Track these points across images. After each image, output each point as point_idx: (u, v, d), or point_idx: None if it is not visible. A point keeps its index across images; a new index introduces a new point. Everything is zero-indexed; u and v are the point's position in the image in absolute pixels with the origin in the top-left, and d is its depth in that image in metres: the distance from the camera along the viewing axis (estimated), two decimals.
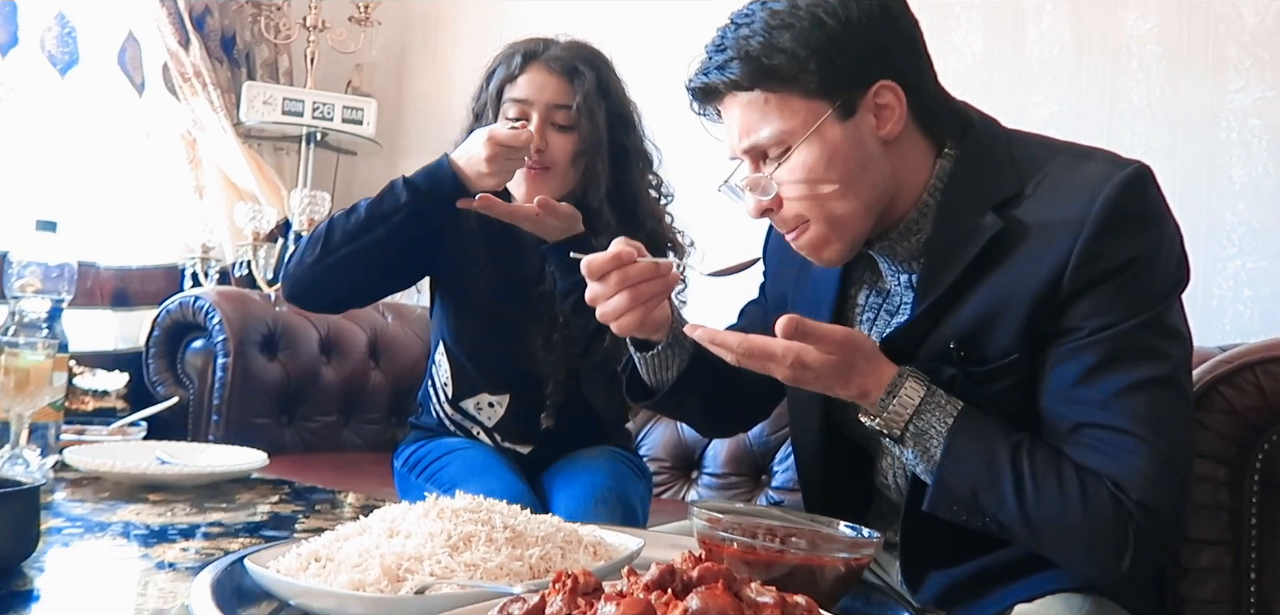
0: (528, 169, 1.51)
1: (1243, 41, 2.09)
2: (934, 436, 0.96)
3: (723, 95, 1.04)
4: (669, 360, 1.18)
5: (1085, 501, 0.91)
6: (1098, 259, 0.93)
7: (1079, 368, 0.94)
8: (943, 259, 1.01)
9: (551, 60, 1.54)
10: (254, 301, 2.44)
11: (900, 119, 1.01)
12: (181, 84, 2.90)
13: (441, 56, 3.36)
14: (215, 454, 1.57)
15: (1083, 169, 0.98)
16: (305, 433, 2.43)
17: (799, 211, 1.03)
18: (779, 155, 1.02)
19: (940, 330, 1.00)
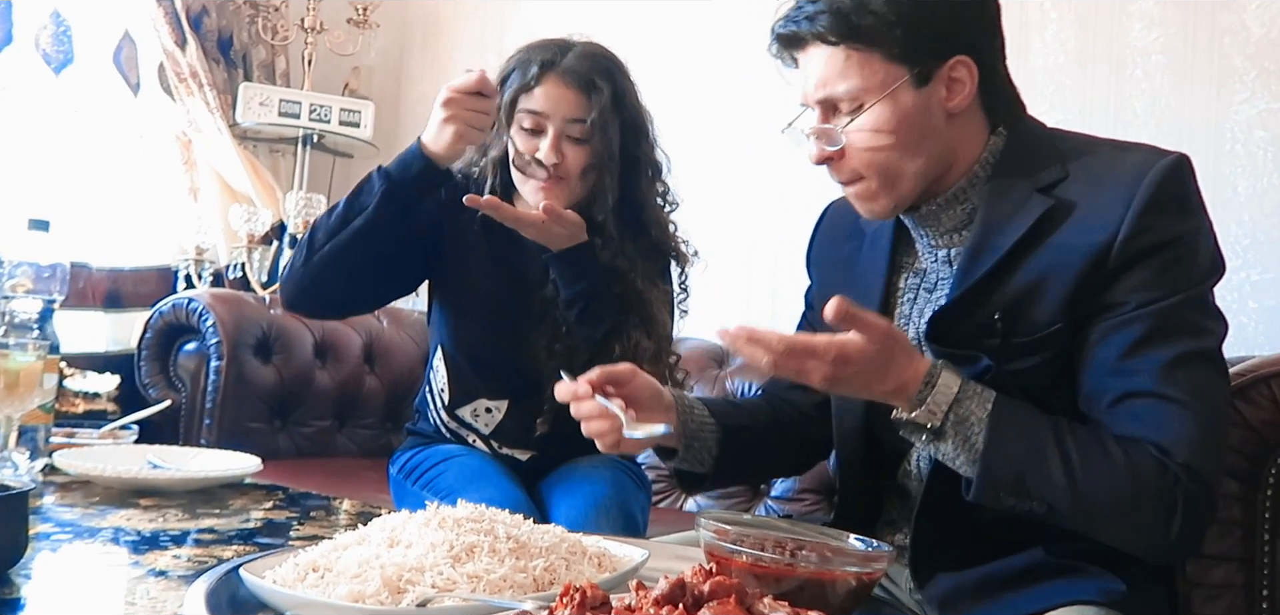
0: (545, 180, 1.50)
1: (1248, 52, 2.08)
2: (975, 423, 0.96)
3: (806, 44, 1.07)
4: (700, 453, 1.19)
5: (1132, 470, 0.93)
6: (1144, 233, 0.96)
7: (1125, 341, 0.96)
8: (990, 233, 1.04)
9: (568, 73, 1.51)
10: (248, 304, 2.42)
11: (969, 95, 1.05)
12: (177, 84, 2.88)
13: (440, 60, 3.34)
14: (208, 458, 1.54)
15: (1126, 156, 1.02)
16: (299, 438, 2.40)
17: (858, 166, 1.06)
18: (851, 110, 1.05)
19: (985, 302, 1.02)
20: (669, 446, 1.17)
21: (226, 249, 2.95)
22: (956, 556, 1.04)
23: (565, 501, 1.48)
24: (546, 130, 1.50)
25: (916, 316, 1.13)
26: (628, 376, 1.11)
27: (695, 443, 1.18)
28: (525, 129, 1.51)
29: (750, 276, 2.63)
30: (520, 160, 1.52)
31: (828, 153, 1.07)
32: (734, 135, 2.69)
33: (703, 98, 2.74)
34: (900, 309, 1.15)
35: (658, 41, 2.79)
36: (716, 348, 2.33)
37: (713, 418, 1.20)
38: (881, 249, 1.18)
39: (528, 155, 1.51)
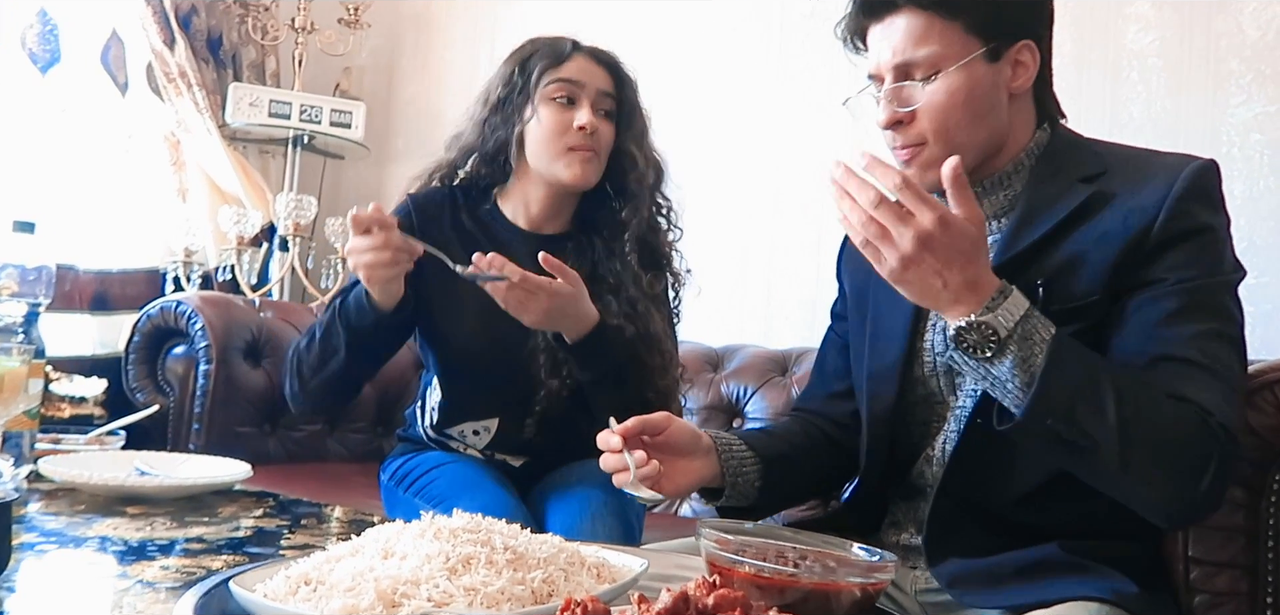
0: (582, 148, 1.51)
1: (1244, 56, 2.08)
2: (1038, 343, 0.97)
3: (892, 10, 1.11)
4: (744, 489, 1.21)
5: (1179, 418, 0.95)
6: (1184, 217, 1.02)
7: (1162, 310, 1.01)
8: (1034, 212, 1.09)
9: (598, 54, 1.56)
10: (237, 307, 2.39)
11: (1030, 79, 1.12)
12: (166, 84, 2.85)
13: (432, 61, 3.32)
14: (196, 465, 1.51)
15: (1163, 157, 1.09)
16: (289, 442, 2.38)
17: (926, 129, 1.10)
18: (925, 77, 1.09)
19: (1026, 270, 1.06)
20: (713, 487, 1.20)
21: (216, 251, 2.93)
22: (970, 544, 1.08)
23: (560, 508, 1.46)
24: (580, 100, 1.52)
25: None
26: (662, 425, 1.13)
27: (739, 479, 1.20)
28: (557, 100, 1.52)
29: (744, 279, 2.62)
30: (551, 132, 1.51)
31: (900, 114, 1.11)
32: (727, 137, 2.67)
33: (696, 100, 2.72)
34: None
35: (652, 43, 2.77)
36: (712, 351, 2.31)
37: (752, 451, 1.22)
38: None
39: (562, 127, 1.51)
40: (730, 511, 1.24)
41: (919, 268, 0.97)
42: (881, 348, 1.21)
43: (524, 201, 1.59)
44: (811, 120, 2.52)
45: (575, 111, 1.50)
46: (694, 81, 2.73)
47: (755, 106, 2.64)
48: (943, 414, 1.16)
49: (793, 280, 2.53)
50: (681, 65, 2.75)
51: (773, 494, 1.24)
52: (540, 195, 1.57)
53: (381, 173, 3.35)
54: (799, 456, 1.27)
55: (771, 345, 2.36)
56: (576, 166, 1.51)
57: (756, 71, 2.65)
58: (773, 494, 1.24)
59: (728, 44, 2.71)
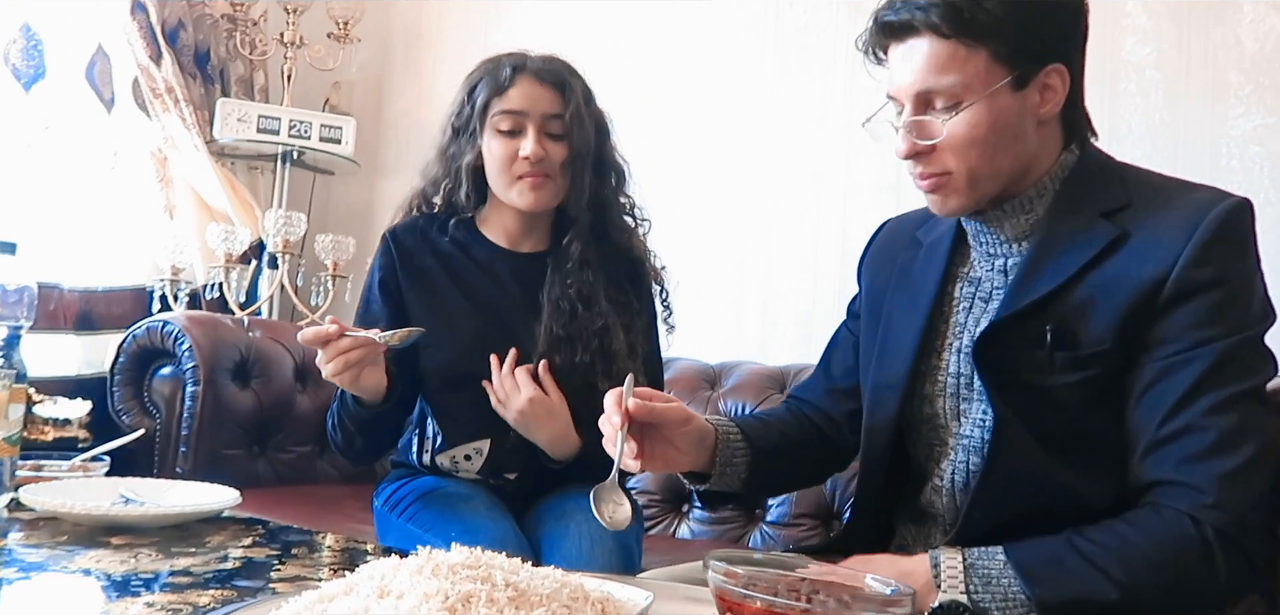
0: (530, 176, 1.51)
1: (1243, 67, 2.07)
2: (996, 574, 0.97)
3: (913, 34, 1.06)
4: (731, 477, 1.21)
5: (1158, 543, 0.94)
6: (1203, 265, 0.97)
7: (1177, 385, 0.97)
8: (1050, 250, 1.05)
9: (541, 71, 1.54)
10: (225, 326, 2.34)
11: (1058, 105, 1.07)
12: (153, 100, 2.81)
13: (422, 75, 3.29)
14: (183, 491, 1.47)
15: (1191, 194, 1.04)
16: (278, 465, 2.33)
17: (948, 162, 1.06)
18: (947, 106, 1.05)
19: (1037, 315, 1.03)
20: (701, 471, 1.19)
21: (204, 269, 2.88)
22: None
23: (559, 537, 1.42)
24: (526, 128, 1.51)
25: (971, 324, 1.13)
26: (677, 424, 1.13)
27: (727, 469, 1.20)
28: (502, 131, 1.51)
29: (741, 294, 2.59)
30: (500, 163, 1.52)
31: (920, 147, 1.07)
32: (722, 152, 2.65)
33: (690, 114, 2.70)
34: (955, 318, 1.15)
35: (643, 59, 2.75)
36: (708, 367, 2.28)
37: (746, 442, 1.22)
38: (938, 258, 1.18)
39: (509, 157, 1.51)
40: (714, 498, 1.24)
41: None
42: (889, 360, 1.19)
43: (501, 222, 1.61)
44: (807, 134, 2.50)
45: (520, 140, 1.51)
46: (687, 96, 2.71)
47: (750, 121, 2.61)
48: (945, 439, 1.14)
49: (789, 296, 2.50)
50: (675, 80, 2.72)
51: (758, 484, 1.24)
52: (514, 215, 1.59)
53: (372, 188, 3.31)
54: (789, 450, 1.27)
55: (768, 362, 2.33)
56: (528, 194, 1.52)
57: (751, 85, 2.63)
58: (758, 484, 1.24)
59: (721, 58, 2.69)
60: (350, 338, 1.35)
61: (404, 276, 1.57)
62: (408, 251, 1.58)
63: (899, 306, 1.18)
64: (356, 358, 1.34)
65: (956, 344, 1.13)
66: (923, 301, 1.16)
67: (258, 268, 2.94)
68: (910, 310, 1.17)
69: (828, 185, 2.42)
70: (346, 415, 1.48)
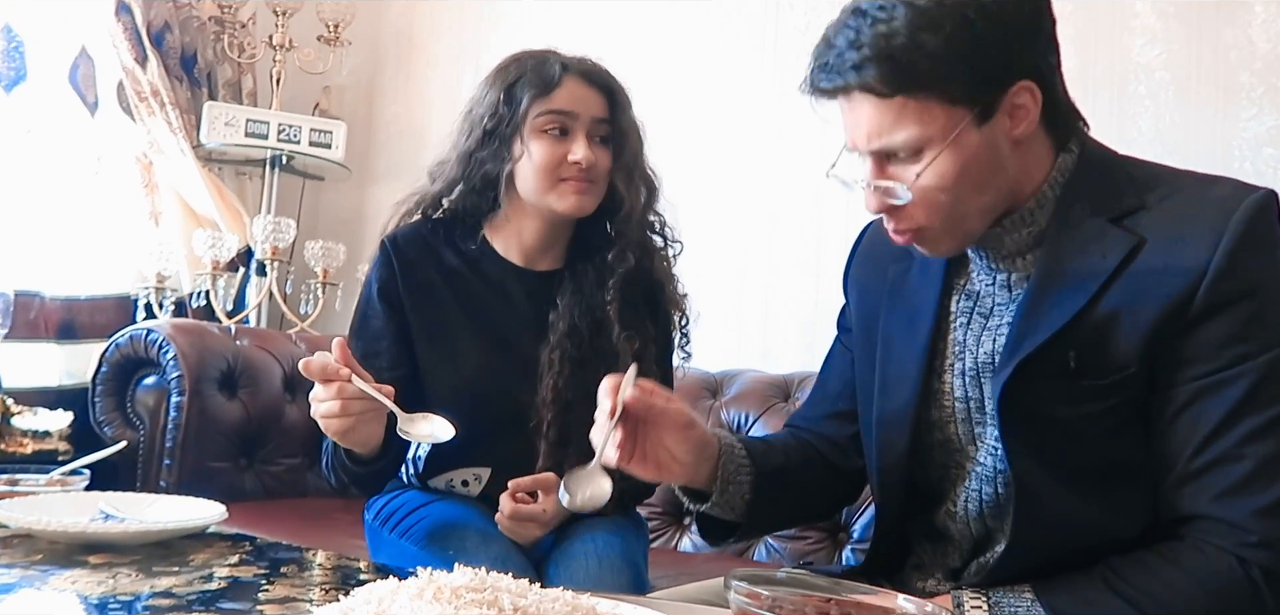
0: (580, 181, 1.42)
1: (1254, 68, 2.03)
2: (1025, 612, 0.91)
3: (852, 94, 0.96)
4: (733, 498, 1.10)
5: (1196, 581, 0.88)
6: (1233, 276, 0.88)
7: (1214, 413, 0.89)
8: (1063, 269, 0.95)
9: (590, 74, 1.45)
10: (212, 335, 2.28)
11: (1034, 120, 0.96)
12: (138, 104, 2.75)
13: (414, 79, 3.23)
14: (167, 507, 1.40)
15: (1211, 189, 0.94)
16: (267, 477, 2.26)
17: (922, 217, 0.98)
18: (909, 158, 0.95)
19: (1059, 342, 0.94)
20: (701, 489, 1.09)
21: (190, 276, 2.82)
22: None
23: (566, 555, 1.35)
24: (574, 131, 1.42)
25: (972, 342, 1.04)
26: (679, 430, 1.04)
27: (729, 488, 1.09)
28: (548, 133, 1.41)
29: (741, 303, 2.54)
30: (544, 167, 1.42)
31: (891, 205, 0.98)
32: (722, 157, 2.60)
33: (689, 119, 2.65)
34: (953, 336, 1.06)
35: (643, 61, 2.70)
36: (709, 377, 2.23)
37: (750, 459, 1.11)
38: (934, 272, 1.09)
39: (556, 161, 1.41)
40: (713, 529, 1.15)
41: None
42: (893, 389, 1.09)
43: (517, 235, 1.49)
44: (807, 138, 2.45)
45: (570, 143, 1.41)
46: (686, 99, 2.66)
47: (750, 124, 2.57)
48: (961, 462, 1.06)
49: (791, 303, 2.45)
50: (673, 83, 2.67)
51: (762, 512, 1.13)
52: (535, 228, 1.48)
53: (363, 194, 3.25)
54: (795, 474, 1.17)
55: (770, 370, 2.28)
56: (571, 197, 1.42)
57: (750, 88, 2.58)
58: (762, 512, 1.13)
59: (720, 60, 2.64)
60: (358, 386, 1.17)
61: (406, 290, 1.44)
62: (410, 263, 1.44)
63: (896, 328, 1.09)
64: (357, 409, 1.17)
65: (959, 366, 1.04)
66: (922, 324, 1.07)
67: (245, 275, 2.88)
68: (909, 334, 1.08)
69: (830, 188, 2.37)
70: (339, 464, 1.34)
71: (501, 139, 1.43)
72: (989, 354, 1.01)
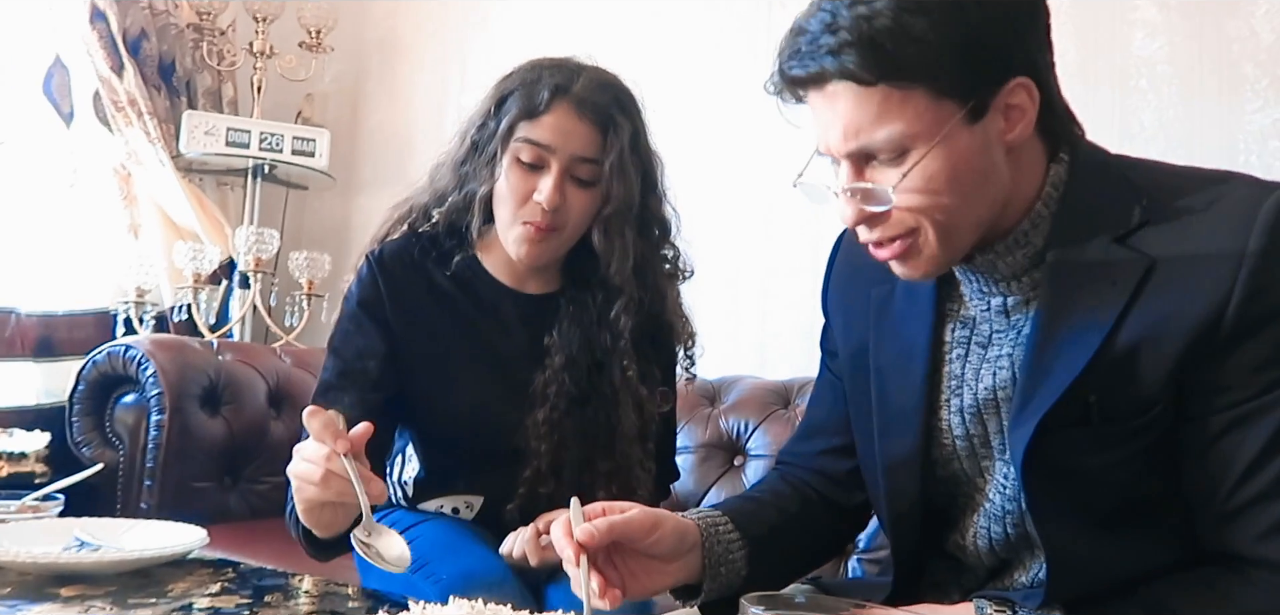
0: (536, 228, 1.30)
1: (1259, 60, 1.98)
2: None
3: (828, 83, 0.86)
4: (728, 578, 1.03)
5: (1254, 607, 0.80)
6: (1266, 292, 0.81)
7: (1250, 445, 0.82)
8: (1069, 299, 0.87)
9: (584, 103, 1.29)
10: (193, 350, 2.21)
11: (1031, 123, 0.87)
12: (114, 113, 2.67)
13: (399, 85, 3.17)
14: (145, 532, 1.34)
15: (1225, 192, 0.85)
16: (252, 497, 2.19)
17: (909, 225, 0.88)
18: (890, 159, 0.86)
19: (1075, 384, 0.85)
20: (692, 582, 1.00)
21: (171, 290, 2.75)
22: None
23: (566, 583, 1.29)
24: (549, 166, 1.29)
25: (970, 377, 0.96)
26: (644, 532, 0.94)
27: (722, 568, 1.01)
28: (523, 162, 1.30)
29: (736, 307, 2.48)
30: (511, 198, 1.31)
31: (869, 213, 0.88)
32: (714, 156, 2.55)
33: (679, 118, 2.59)
34: (949, 368, 0.99)
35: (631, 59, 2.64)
36: (707, 384, 2.17)
37: (739, 532, 1.03)
38: (923, 298, 1.00)
39: (523, 194, 1.30)
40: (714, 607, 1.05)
41: None
42: (894, 431, 1.01)
43: (506, 256, 1.38)
44: (801, 136, 2.40)
45: (541, 177, 1.29)
46: (676, 100, 2.60)
47: (742, 123, 2.52)
48: (970, 494, 1.00)
49: (788, 306, 2.40)
50: (664, 84, 2.61)
51: (761, 579, 1.03)
52: None
53: (348, 203, 3.19)
54: (792, 530, 1.09)
55: (768, 376, 2.23)
56: (523, 245, 1.30)
57: (742, 86, 2.53)
58: (761, 579, 1.03)
59: (711, 59, 2.59)
60: (347, 468, 1.00)
61: (395, 311, 1.34)
62: (398, 284, 1.35)
63: (889, 363, 1.01)
64: (334, 490, 1.01)
65: (957, 402, 0.97)
66: (917, 358, 0.99)
67: (228, 288, 2.81)
68: (904, 369, 0.99)
69: None
70: (300, 530, 1.20)
71: (486, 159, 1.34)
72: (990, 389, 0.94)
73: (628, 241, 1.33)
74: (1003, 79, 0.85)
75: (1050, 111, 0.90)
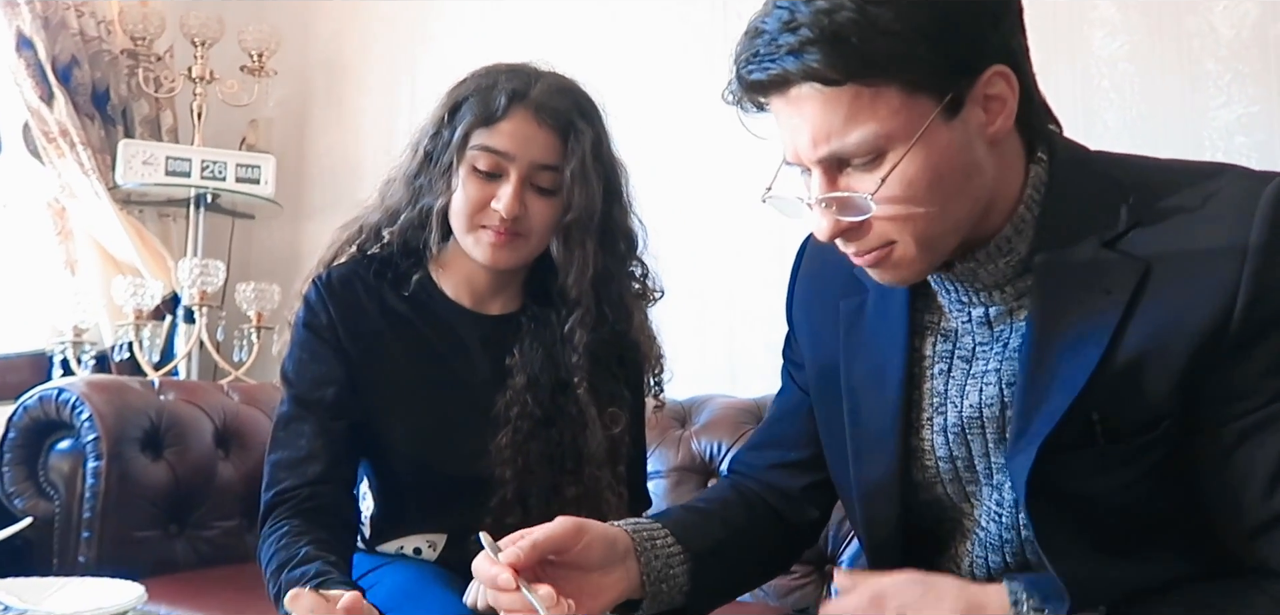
0: (498, 233, 1.24)
1: (1219, 56, 1.98)
2: None
3: (792, 86, 0.80)
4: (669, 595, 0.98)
5: None
6: (1269, 294, 0.76)
7: (1267, 456, 0.77)
8: (1061, 312, 0.81)
9: (543, 109, 1.24)
10: (133, 391, 2.09)
11: (1012, 113, 0.82)
12: (46, 145, 2.56)
13: (347, 109, 3.08)
14: (76, 592, 1.24)
15: (1218, 186, 0.81)
16: (200, 544, 2.07)
17: (887, 235, 0.82)
18: (867, 165, 0.80)
19: (1076, 404, 0.79)
20: (631, 598, 0.95)
21: (111, 328, 2.64)
22: None
23: None
24: (508, 174, 1.23)
25: (954, 394, 0.90)
26: (569, 542, 0.89)
27: (663, 585, 0.96)
28: (480, 171, 1.23)
29: (702, 325, 2.42)
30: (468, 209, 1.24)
31: (847, 224, 0.82)
32: (675, 166, 2.49)
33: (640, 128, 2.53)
34: (930, 384, 0.92)
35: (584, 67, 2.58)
36: (677, 405, 2.10)
37: (680, 545, 0.97)
38: (896, 310, 0.94)
39: (480, 203, 1.23)
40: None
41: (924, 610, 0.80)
42: (870, 456, 0.95)
43: (465, 275, 1.32)
44: (766, 146, 2.35)
45: (499, 186, 1.23)
46: (635, 113, 2.54)
47: (703, 135, 2.46)
48: (958, 520, 0.94)
49: (756, 321, 2.34)
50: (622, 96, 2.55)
51: (704, 596, 1.00)
52: (482, 269, 1.31)
53: (297, 231, 3.08)
54: (739, 543, 1.03)
55: (739, 394, 2.17)
56: (486, 249, 1.25)
57: (702, 98, 2.48)
58: (704, 596, 1.00)
59: (671, 72, 2.54)
60: None
61: (348, 338, 1.27)
62: (348, 308, 1.28)
63: (861, 382, 0.95)
64: None
65: (940, 421, 0.91)
66: (892, 376, 0.93)
67: (173, 324, 2.70)
68: (878, 387, 0.93)
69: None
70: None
71: (442, 170, 1.27)
72: (975, 407, 0.88)
73: (588, 253, 1.27)
74: (979, 68, 0.80)
75: (1029, 104, 0.85)
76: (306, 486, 1.22)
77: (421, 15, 2.94)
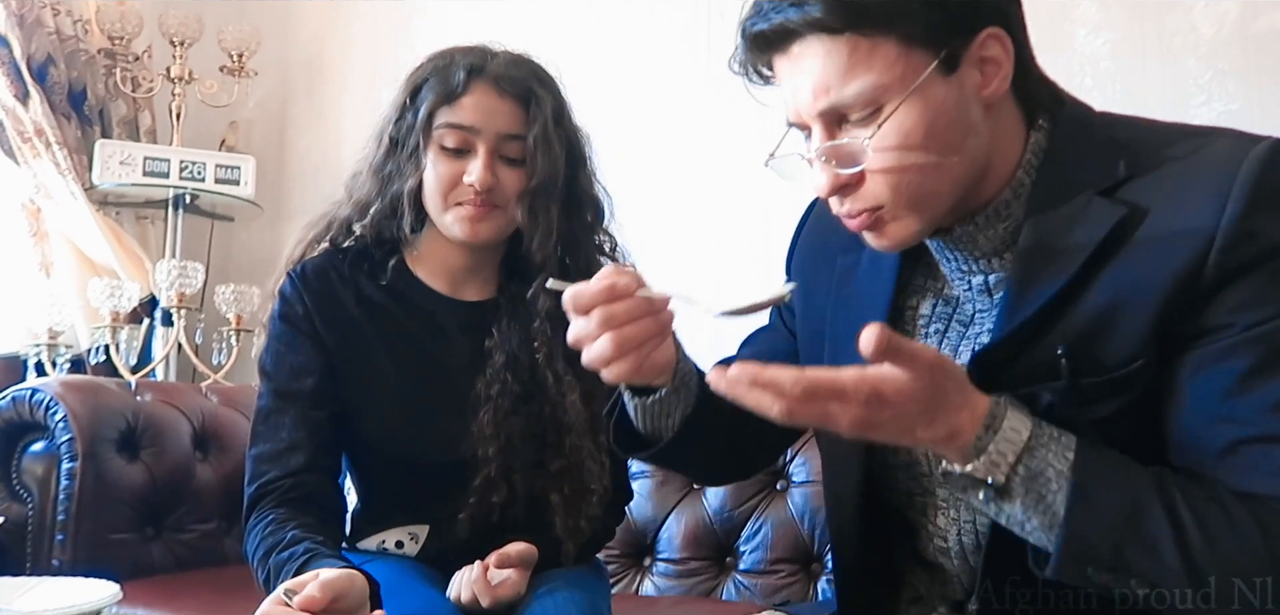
0: (474, 206, 1.25)
1: (1200, 54, 2.00)
2: (1052, 478, 0.76)
3: (795, 39, 0.83)
4: (671, 406, 0.98)
5: (1263, 532, 0.74)
6: (1248, 239, 0.78)
7: (1230, 374, 0.78)
8: (1043, 250, 0.84)
9: (502, 80, 1.26)
10: (109, 391, 2.05)
11: (1007, 77, 0.85)
12: (20, 145, 2.53)
13: (327, 109, 3.05)
14: (51, 591, 1.22)
15: (1209, 145, 0.83)
16: (178, 547, 2.04)
17: (883, 190, 0.85)
18: (863, 118, 0.83)
19: (1044, 334, 0.82)
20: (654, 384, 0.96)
21: (87, 331, 2.60)
22: None
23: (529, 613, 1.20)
24: (475, 148, 1.24)
25: (947, 352, 0.92)
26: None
27: (680, 391, 0.98)
28: (448, 148, 1.24)
29: (686, 317, 2.41)
30: (440, 186, 1.25)
31: (845, 177, 0.84)
32: (657, 151, 2.48)
33: (620, 119, 2.52)
34: (921, 342, 0.94)
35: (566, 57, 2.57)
36: None
37: (698, 380, 0.99)
38: (886, 267, 0.96)
39: (451, 181, 1.25)
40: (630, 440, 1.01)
41: (876, 432, 0.76)
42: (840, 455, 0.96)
43: (441, 261, 1.33)
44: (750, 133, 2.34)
45: (468, 161, 1.25)
46: (618, 106, 2.54)
47: (690, 131, 2.46)
48: (932, 490, 0.93)
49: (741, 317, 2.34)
50: (605, 91, 2.55)
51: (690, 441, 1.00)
52: (458, 252, 1.32)
53: (277, 232, 3.05)
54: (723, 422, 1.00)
55: None
56: (463, 223, 1.26)
57: (685, 83, 2.48)
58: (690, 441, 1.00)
59: (655, 66, 2.54)
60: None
61: (325, 327, 1.27)
62: (324, 298, 1.28)
63: (844, 333, 0.95)
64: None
65: None
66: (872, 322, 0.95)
67: (150, 326, 2.67)
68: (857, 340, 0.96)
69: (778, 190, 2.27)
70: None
71: (409, 153, 1.27)
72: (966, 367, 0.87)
73: (552, 218, 1.28)
74: (974, 28, 0.83)
75: (1025, 73, 0.88)
76: (290, 477, 1.21)
77: (403, 15, 2.92)
